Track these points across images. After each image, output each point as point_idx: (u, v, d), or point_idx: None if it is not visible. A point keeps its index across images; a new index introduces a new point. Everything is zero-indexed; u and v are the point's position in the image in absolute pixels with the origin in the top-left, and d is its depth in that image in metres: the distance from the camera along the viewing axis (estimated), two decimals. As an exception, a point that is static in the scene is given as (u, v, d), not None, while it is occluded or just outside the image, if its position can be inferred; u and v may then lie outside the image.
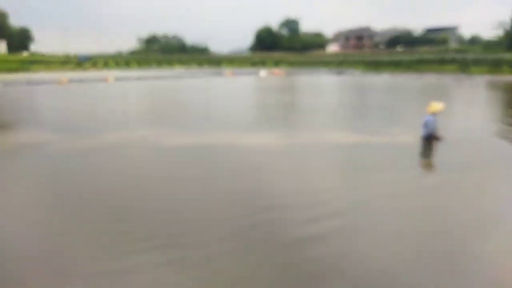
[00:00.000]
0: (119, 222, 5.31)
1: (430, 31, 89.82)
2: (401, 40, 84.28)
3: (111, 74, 46.02)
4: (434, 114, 8.58)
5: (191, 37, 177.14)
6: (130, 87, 31.67)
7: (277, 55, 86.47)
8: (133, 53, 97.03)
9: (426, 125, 8.57)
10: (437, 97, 10.77)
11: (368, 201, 5.96)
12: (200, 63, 76.16)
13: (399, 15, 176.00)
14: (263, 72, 50.70)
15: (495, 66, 40.65)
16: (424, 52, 63.29)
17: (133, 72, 54.27)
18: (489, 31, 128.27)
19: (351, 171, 7.78)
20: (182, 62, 76.23)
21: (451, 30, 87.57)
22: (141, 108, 19.21)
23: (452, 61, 45.65)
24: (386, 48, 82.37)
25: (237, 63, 75.80)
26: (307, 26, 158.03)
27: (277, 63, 71.83)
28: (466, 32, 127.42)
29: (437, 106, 8.58)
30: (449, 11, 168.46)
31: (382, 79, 40.28)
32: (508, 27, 59.31)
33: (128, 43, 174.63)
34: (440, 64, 46.04)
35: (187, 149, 9.64)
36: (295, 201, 5.98)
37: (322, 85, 32.83)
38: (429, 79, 38.20)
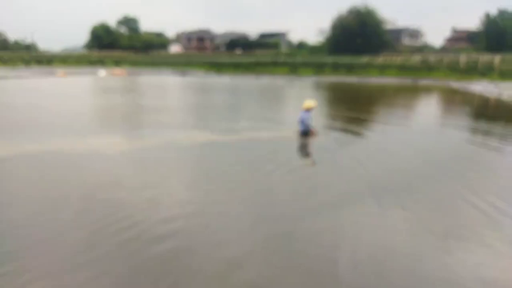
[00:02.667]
0: None
1: (264, 36, 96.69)
2: (239, 43, 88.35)
3: None
4: (308, 110, 9.19)
5: (13, 33, 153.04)
6: None
7: (117, 54, 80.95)
8: None
9: (302, 121, 9.16)
10: (276, 95, 11.12)
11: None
12: (27, 62, 65.60)
13: (235, 20, 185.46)
14: (102, 72, 46.39)
15: (319, 68, 45.63)
16: (260, 55, 67.43)
17: None
18: (313, 37, 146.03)
19: (204, 169, 6.97)
20: (2, 61, 64.39)
21: (282, 35, 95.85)
22: None
23: (284, 64, 49.48)
24: (226, 50, 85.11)
25: (72, 62, 67.90)
26: (146, 25, 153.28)
27: (117, 63, 66.96)
28: (294, 37, 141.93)
29: (310, 103, 9.24)
30: (280, 18, 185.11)
31: (224, 80, 41.04)
32: (328, 35, 67.90)
33: None
34: (273, 66, 49.40)
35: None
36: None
37: (168, 85, 31.50)
38: (265, 80, 40.54)
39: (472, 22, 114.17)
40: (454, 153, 9.29)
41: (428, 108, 19.49)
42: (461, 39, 75.50)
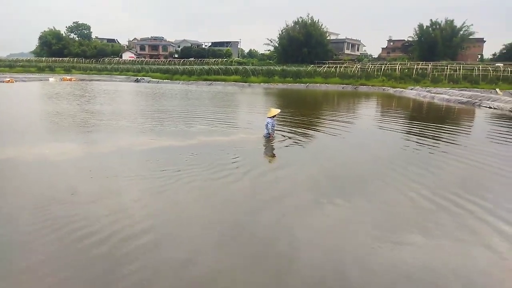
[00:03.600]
0: None
1: (216, 44, 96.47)
2: (192, 51, 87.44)
3: None
4: (272, 117, 10.29)
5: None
6: None
7: (68, 60, 77.04)
8: None
9: (267, 126, 10.26)
10: (230, 101, 11.09)
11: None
12: (-33, 68, 60.65)
13: (188, 29, 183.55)
14: (53, 79, 43.99)
15: (269, 76, 46.27)
16: (212, 63, 67.15)
17: None
18: (263, 46, 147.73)
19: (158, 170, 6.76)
20: None
21: (233, 44, 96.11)
22: None
23: (236, 72, 49.67)
24: (179, 58, 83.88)
25: (20, 69, 63.76)
26: (98, 32, 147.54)
27: (69, 69, 63.81)
28: (245, 46, 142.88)
29: (274, 111, 10.39)
30: (231, 28, 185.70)
31: (178, 86, 40.43)
32: (276, 44, 68.96)
33: None
34: (226, 74, 49.44)
35: None
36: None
37: (121, 92, 30.42)
38: (218, 87, 40.48)
39: (406, 32, 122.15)
40: (394, 151, 9.80)
41: (368, 111, 20.41)
42: (397, 49, 79.83)
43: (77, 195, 5.89)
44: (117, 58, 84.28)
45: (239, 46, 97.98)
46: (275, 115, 10.52)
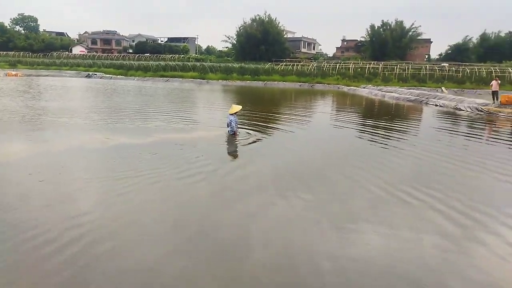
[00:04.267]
0: None
1: (172, 40, 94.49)
2: (147, 46, 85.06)
3: None
4: (234, 114, 10.30)
5: None
6: None
7: (13, 54, 72.22)
8: None
9: (230, 123, 10.25)
10: (188, 98, 10.92)
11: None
12: None
13: (143, 23, 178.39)
14: (-6, 73, 41.13)
15: (227, 73, 46.10)
16: (169, 59, 65.77)
17: None
18: (221, 43, 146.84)
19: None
20: None
21: (190, 40, 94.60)
22: None
23: (193, 68, 49.01)
24: (134, 53, 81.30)
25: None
26: (45, 25, 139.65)
27: (14, 64, 59.89)
28: (203, 43, 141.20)
29: (236, 108, 10.39)
30: (188, 24, 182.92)
31: (133, 82, 39.25)
32: (234, 41, 68.77)
33: None
34: (183, 70, 48.63)
35: None
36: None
37: (72, 87, 28.96)
38: (175, 83, 39.78)
39: (359, 33, 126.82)
40: (350, 147, 10.14)
41: (326, 109, 20.97)
42: (350, 48, 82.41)
43: (28, 200, 5.54)
44: (67, 53, 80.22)
45: (196, 42, 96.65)
46: (236, 112, 10.51)
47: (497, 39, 69.13)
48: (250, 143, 9.83)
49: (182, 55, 73.91)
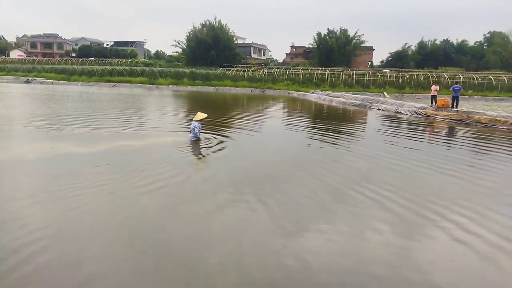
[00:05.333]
0: None
1: (119, 44, 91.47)
2: (92, 50, 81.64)
3: None
4: (199, 121, 10.44)
5: None
6: None
7: None
8: None
9: (194, 129, 10.39)
10: (139, 104, 10.64)
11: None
12: None
13: (87, 26, 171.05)
14: None
15: (178, 78, 45.47)
16: (116, 63, 63.62)
17: None
18: (170, 48, 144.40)
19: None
20: None
21: (138, 44, 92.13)
22: None
23: (142, 73, 47.80)
24: (77, 57, 77.60)
25: None
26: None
27: None
28: (152, 47, 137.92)
29: (201, 115, 10.52)
30: (136, 27, 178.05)
31: (77, 88, 37.54)
32: (184, 46, 68.01)
33: None
34: (131, 75, 47.26)
35: None
36: None
37: (9, 94, 27.05)
38: (123, 89, 38.57)
39: (307, 39, 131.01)
40: (303, 150, 10.46)
41: (278, 113, 21.41)
42: (299, 54, 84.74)
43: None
44: (3, 57, 74.80)
45: (145, 47, 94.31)
46: (202, 119, 10.61)
47: (433, 47, 74.62)
48: (209, 148, 9.78)
49: (130, 60, 71.78)
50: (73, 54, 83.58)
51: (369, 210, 5.75)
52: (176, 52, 77.37)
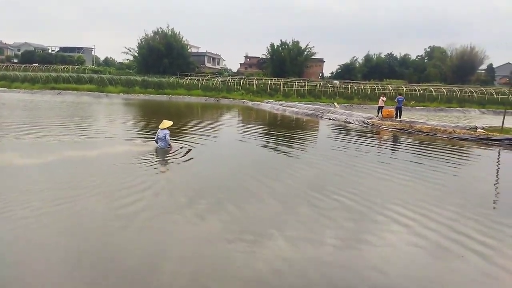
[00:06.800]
0: None
1: (66, 49, 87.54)
2: (36, 56, 77.34)
3: None
4: (166, 129, 10.40)
5: None
6: None
7: None
8: None
9: (163, 138, 10.35)
10: (87, 112, 10.30)
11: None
12: None
13: (30, 31, 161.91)
14: None
15: (129, 86, 44.34)
16: (62, 70, 60.80)
17: None
18: (121, 55, 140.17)
19: None
20: None
21: (86, 50, 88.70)
22: None
23: (90, 80, 46.10)
24: (20, 63, 73.16)
25: None
26: None
27: None
28: (101, 54, 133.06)
29: (168, 123, 10.48)
30: (83, 33, 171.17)
31: (19, 96, 35.48)
32: (136, 53, 66.44)
33: None
34: (78, 82, 45.42)
35: None
36: None
37: None
38: (70, 97, 36.97)
39: (261, 50, 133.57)
40: (258, 158, 10.69)
41: (233, 122, 21.62)
42: (253, 65, 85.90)
43: None
44: None
45: (93, 53, 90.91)
46: (168, 127, 10.53)
47: (378, 60, 78.89)
48: (172, 157, 9.72)
49: (77, 66, 68.85)
50: (15, 60, 78.69)
51: (318, 215, 6.07)
52: (127, 59, 75.31)
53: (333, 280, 4.16)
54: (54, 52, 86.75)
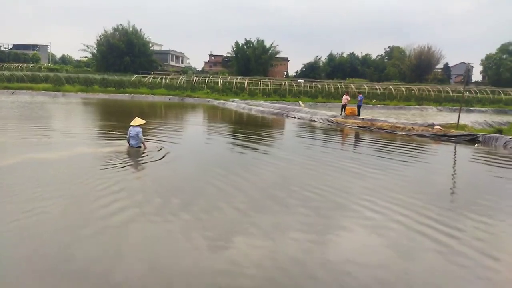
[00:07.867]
0: None
1: (19, 47, 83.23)
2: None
3: None
4: (139, 126, 10.19)
5: None
6: None
7: None
8: None
9: (135, 136, 10.06)
10: (47, 112, 9.88)
11: None
12: None
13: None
14: None
15: (87, 84, 42.82)
16: (15, 68, 57.78)
17: None
18: (78, 52, 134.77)
19: None
20: None
21: (41, 48, 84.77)
22: None
23: (46, 79, 44.12)
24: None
25: None
26: None
27: None
28: (57, 51, 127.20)
29: (140, 121, 10.27)
30: (37, 30, 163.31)
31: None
32: (94, 51, 64.27)
33: None
34: (33, 81, 43.31)
35: None
36: None
37: None
38: (24, 96, 35.19)
39: (226, 48, 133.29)
40: (225, 158, 10.71)
41: (198, 121, 21.50)
42: (218, 63, 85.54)
43: None
44: None
45: (49, 50, 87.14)
46: (140, 125, 10.28)
47: (341, 59, 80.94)
48: (143, 158, 9.56)
49: (32, 64, 65.72)
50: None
51: (287, 212, 6.22)
52: (85, 57, 72.91)
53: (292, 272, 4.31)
54: (6, 49, 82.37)
